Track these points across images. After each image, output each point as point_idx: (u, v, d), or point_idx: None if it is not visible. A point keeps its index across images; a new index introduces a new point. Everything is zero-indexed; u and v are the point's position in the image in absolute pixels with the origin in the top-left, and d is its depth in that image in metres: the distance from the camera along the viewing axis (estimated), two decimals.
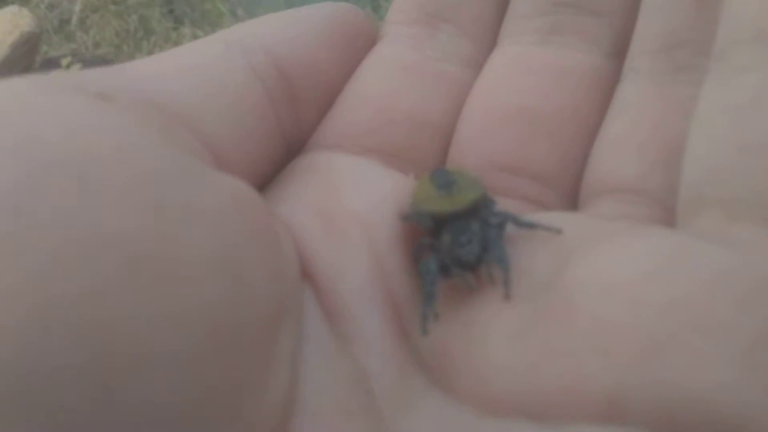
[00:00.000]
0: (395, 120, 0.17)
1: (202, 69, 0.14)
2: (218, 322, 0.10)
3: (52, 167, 0.10)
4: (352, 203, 0.15)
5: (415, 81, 0.17)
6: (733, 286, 0.11)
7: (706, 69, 0.15)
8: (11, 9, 1.31)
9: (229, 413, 0.10)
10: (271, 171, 0.16)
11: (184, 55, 0.15)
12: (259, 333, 0.11)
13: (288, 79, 0.16)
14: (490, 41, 0.18)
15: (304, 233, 0.14)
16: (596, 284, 0.13)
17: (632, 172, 0.16)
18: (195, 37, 1.47)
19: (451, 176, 0.15)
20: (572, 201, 0.17)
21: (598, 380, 0.12)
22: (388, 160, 0.16)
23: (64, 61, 1.17)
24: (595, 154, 0.16)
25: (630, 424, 0.11)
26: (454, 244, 0.14)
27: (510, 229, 0.15)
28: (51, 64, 1.35)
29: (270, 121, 0.15)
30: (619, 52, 0.17)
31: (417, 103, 0.17)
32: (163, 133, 0.12)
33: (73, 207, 0.10)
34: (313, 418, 0.12)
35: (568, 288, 0.13)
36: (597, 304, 0.12)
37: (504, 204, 0.16)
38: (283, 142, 0.16)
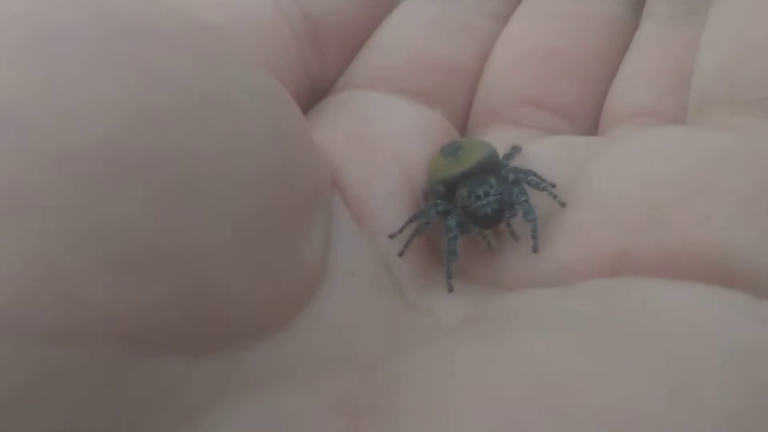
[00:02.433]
0: (426, 65, 0.18)
1: (235, 6, 0.16)
2: (276, 184, 0.11)
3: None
4: (382, 127, 0.16)
5: (444, 31, 0.18)
6: (734, 157, 0.13)
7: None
8: None
9: (273, 262, 0.11)
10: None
11: None
12: (304, 200, 0.12)
13: (312, 22, 0.17)
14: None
15: (335, 151, 0.15)
16: (609, 165, 0.14)
17: (647, 97, 0.17)
18: None
19: (458, 144, 0.16)
20: (591, 134, 0.18)
21: (607, 245, 0.13)
22: (418, 99, 0.17)
23: None
24: (614, 89, 0.18)
25: (633, 274, 0.12)
26: (471, 198, 0.14)
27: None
28: None
29: (296, 58, 0.16)
30: (638, 3, 0.19)
31: (447, 50, 0.18)
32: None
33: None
34: (344, 280, 0.13)
35: (587, 175, 0.14)
36: (608, 181, 0.13)
37: (522, 132, 0.17)
38: (308, 82, 0.17)
